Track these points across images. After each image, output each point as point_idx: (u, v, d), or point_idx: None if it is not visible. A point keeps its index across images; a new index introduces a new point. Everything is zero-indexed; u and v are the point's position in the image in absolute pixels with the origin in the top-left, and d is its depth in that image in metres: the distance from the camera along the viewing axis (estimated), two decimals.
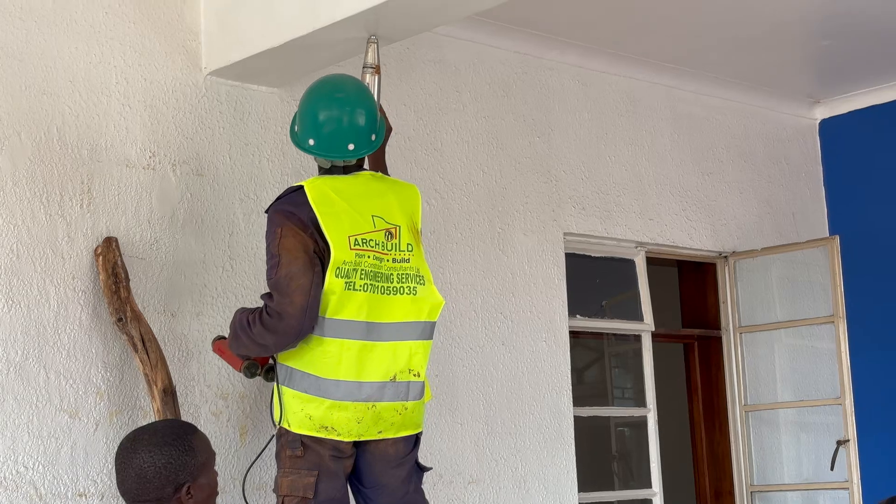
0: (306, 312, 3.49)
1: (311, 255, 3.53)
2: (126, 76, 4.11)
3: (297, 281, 3.49)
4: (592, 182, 5.49)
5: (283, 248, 3.53)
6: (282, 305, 3.50)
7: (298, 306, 3.48)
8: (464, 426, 4.83)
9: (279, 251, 3.53)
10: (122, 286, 3.89)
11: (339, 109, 3.66)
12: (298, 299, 3.48)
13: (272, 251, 3.55)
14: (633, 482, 7.28)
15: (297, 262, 3.51)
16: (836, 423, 5.75)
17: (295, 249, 3.52)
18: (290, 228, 3.54)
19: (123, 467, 3.35)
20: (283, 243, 3.53)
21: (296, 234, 3.53)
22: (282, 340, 3.55)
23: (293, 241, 3.53)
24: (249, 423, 4.18)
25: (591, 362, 7.39)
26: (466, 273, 4.95)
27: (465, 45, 5.11)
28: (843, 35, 5.53)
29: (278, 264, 3.52)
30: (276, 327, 3.52)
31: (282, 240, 3.53)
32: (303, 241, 3.53)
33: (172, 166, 4.17)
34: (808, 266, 6.04)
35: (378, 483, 3.69)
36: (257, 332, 3.57)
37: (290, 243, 3.53)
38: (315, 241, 3.54)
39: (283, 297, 3.50)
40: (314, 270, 3.51)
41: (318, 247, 3.54)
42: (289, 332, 3.51)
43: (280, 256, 3.52)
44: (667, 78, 5.84)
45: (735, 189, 6.12)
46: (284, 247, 3.53)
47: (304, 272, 3.50)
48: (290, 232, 3.54)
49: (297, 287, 3.49)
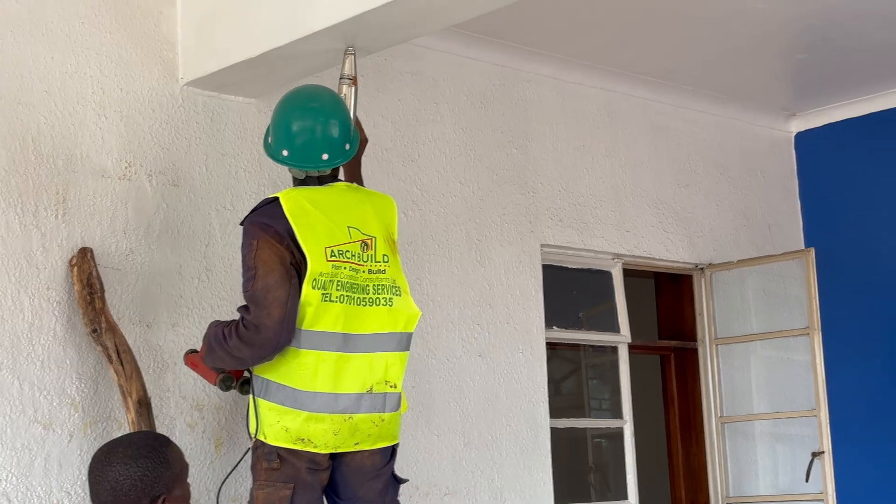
0: (284, 325, 3.48)
1: (288, 266, 3.52)
2: (102, 86, 4.10)
3: (274, 293, 3.48)
4: (570, 194, 5.50)
5: (259, 260, 3.51)
6: (259, 318, 3.48)
7: (276, 318, 3.47)
8: (440, 438, 4.83)
9: (255, 263, 3.52)
10: (96, 297, 3.87)
11: (312, 120, 3.66)
12: (276, 311, 3.47)
13: (248, 263, 3.54)
14: (610, 494, 7.28)
15: (274, 274, 3.49)
16: (812, 434, 5.77)
17: (271, 261, 3.51)
18: (267, 240, 3.53)
19: (98, 479, 3.33)
20: (260, 255, 3.52)
21: (272, 246, 3.52)
22: (259, 353, 3.53)
23: (269, 253, 3.52)
24: (225, 434, 4.17)
25: (568, 374, 7.40)
26: (443, 284, 4.95)
27: (442, 56, 5.12)
28: (819, 49, 5.57)
29: (255, 276, 3.51)
30: (253, 340, 3.50)
31: (258, 252, 3.52)
32: (279, 252, 3.52)
33: (148, 177, 4.15)
34: (783, 278, 6.06)
35: (355, 495, 3.68)
36: (234, 345, 3.55)
37: (266, 255, 3.52)
38: (291, 252, 3.53)
39: (261, 309, 3.48)
40: (291, 282, 3.50)
41: (295, 258, 3.53)
42: (266, 344, 3.50)
43: (256, 268, 3.51)
44: (644, 90, 5.86)
45: (712, 201, 6.14)
46: (261, 259, 3.51)
47: (281, 284, 3.49)
48: (267, 244, 3.52)
49: (275, 299, 3.47)
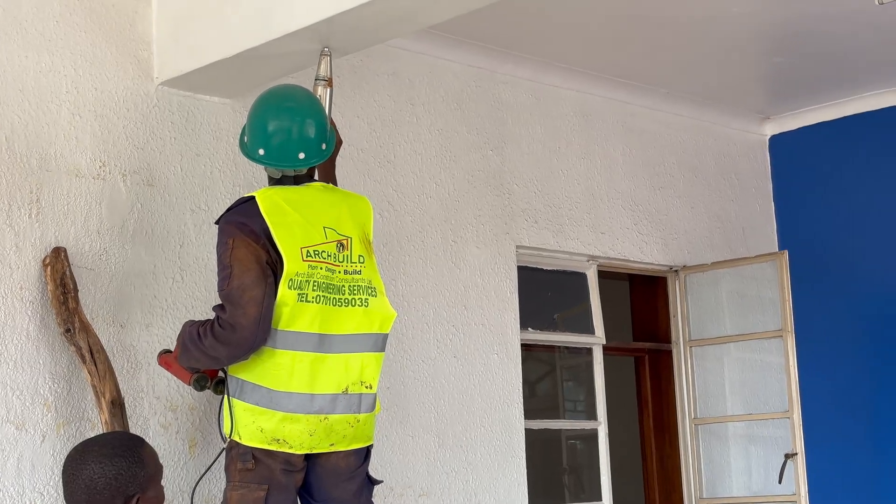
0: (259, 324, 3.47)
1: (264, 266, 3.51)
2: (77, 85, 4.08)
3: (249, 292, 3.47)
4: (545, 196, 5.51)
5: (235, 259, 3.51)
6: (235, 317, 3.48)
7: (252, 318, 3.47)
8: (415, 439, 4.83)
9: (231, 262, 3.51)
10: (70, 297, 3.86)
11: (288, 119, 3.65)
12: (252, 311, 3.47)
13: (224, 262, 3.53)
14: (584, 495, 7.29)
15: (250, 274, 3.49)
16: (785, 436, 5.80)
17: (247, 260, 3.50)
18: (243, 239, 3.52)
19: (72, 478, 3.32)
20: (236, 254, 3.51)
21: (248, 245, 3.51)
22: (234, 352, 3.52)
23: (245, 252, 3.51)
24: (199, 435, 4.15)
25: (542, 375, 7.41)
26: (419, 285, 4.95)
27: (418, 58, 5.12)
28: (793, 53, 5.60)
29: (230, 275, 3.50)
30: (228, 339, 3.50)
31: (234, 251, 3.51)
32: (255, 252, 3.51)
33: (123, 176, 4.14)
34: (757, 280, 6.09)
35: (329, 497, 3.68)
36: (209, 345, 3.54)
37: (242, 254, 3.51)
38: (267, 252, 3.53)
39: (236, 308, 3.48)
40: (267, 282, 3.50)
41: (271, 258, 3.53)
42: (242, 343, 3.49)
43: (232, 267, 3.50)
44: (619, 93, 5.88)
45: (686, 204, 6.17)
46: (236, 258, 3.51)
47: (257, 283, 3.48)
48: (243, 243, 3.52)
49: (250, 298, 3.47)
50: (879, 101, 6.19)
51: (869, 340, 6.15)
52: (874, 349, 6.13)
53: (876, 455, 6.07)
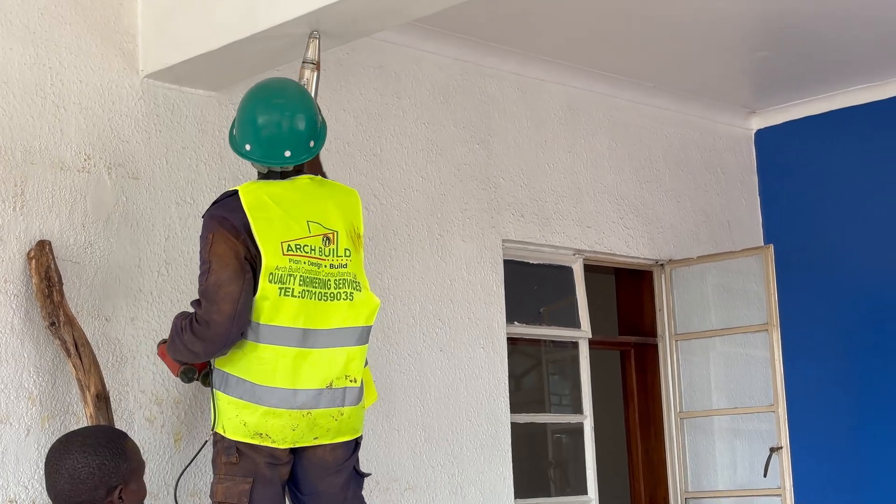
0: (234, 321, 3.47)
1: (242, 261, 3.50)
2: (61, 78, 4.06)
3: (225, 288, 3.46)
4: (531, 189, 5.52)
5: (213, 254, 3.50)
6: (209, 313, 3.48)
7: (226, 314, 3.46)
8: (400, 432, 4.83)
9: (210, 257, 3.50)
10: (55, 290, 3.84)
11: (278, 114, 3.62)
12: (226, 307, 3.46)
13: (203, 257, 3.53)
14: (570, 488, 7.31)
15: (228, 269, 3.48)
16: (770, 430, 5.82)
17: (226, 256, 3.49)
18: (222, 234, 3.51)
19: (56, 468, 3.32)
20: (215, 249, 3.50)
21: (227, 240, 3.50)
22: (210, 348, 3.53)
23: (224, 248, 3.50)
24: (184, 428, 4.15)
25: (528, 369, 7.42)
26: (405, 279, 4.94)
27: (404, 51, 5.11)
28: (779, 47, 5.61)
29: (209, 270, 3.50)
30: (203, 335, 3.50)
31: (213, 245, 3.51)
32: (234, 247, 3.50)
33: (108, 169, 4.12)
34: (743, 274, 6.10)
35: (315, 490, 3.67)
36: (188, 339, 3.55)
37: (221, 249, 3.50)
38: (247, 247, 3.51)
39: (211, 304, 3.47)
40: (245, 278, 3.48)
41: (251, 253, 3.51)
42: (216, 340, 3.49)
43: (211, 262, 3.50)
44: (605, 87, 5.88)
45: (672, 198, 6.17)
46: (215, 253, 3.50)
47: (234, 279, 3.47)
48: (222, 238, 3.51)
49: (226, 295, 3.46)
50: (865, 95, 6.21)
51: (854, 334, 6.17)
52: (859, 343, 6.15)
53: (861, 448, 6.09)
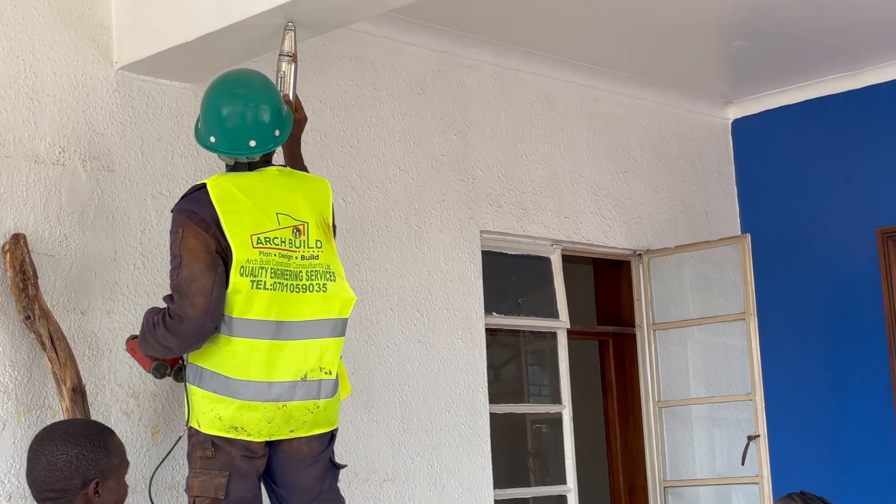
0: (207, 315, 3.46)
1: (214, 255, 3.49)
2: (35, 70, 4.04)
3: (198, 282, 3.45)
4: (509, 180, 5.52)
5: (184, 249, 3.49)
6: (182, 308, 3.46)
7: (199, 309, 3.45)
8: (379, 424, 4.83)
9: (181, 252, 3.49)
10: (30, 283, 3.82)
11: (241, 105, 3.60)
12: (199, 301, 3.45)
13: (174, 251, 3.51)
14: (549, 478, 7.33)
15: (199, 263, 3.47)
16: (747, 418, 5.84)
17: (196, 250, 3.48)
18: (192, 228, 3.50)
19: (35, 455, 3.31)
20: (185, 244, 3.49)
21: (197, 234, 3.49)
22: (183, 343, 3.51)
23: (195, 242, 3.49)
24: (161, 422, 4.13)
25: (507, 360, 7.42)
26: (382, 270, 4.94)
27: (381, 42, 5.10)
28: (756, 37, 5.62)
29: (180, 265, 3.48)
30: (177, 330, 3.48)
31: (183, 240, 3.49)
32: (205, 241, 3.49)
33: (83, 162, 4.10)
34: (720, 264, 6.12)
35: (291, 482, 3.66)
36: (161, 335, 3.53)
37: (191, 244, 3.49)
38: (218, 240, 3.50)
39: (184, 299, 3.46)
40: (216, 271, 3.47)
41: (221, 246, 3.50)
42: (189, 334, 3.48)
43: (182, 257, 3.48)
44: (582, 77, 5.88)
45: (649, 188, 6.18)
46: (186, 247, 3.49)
47: (206, 273, 3.46)
48: (192, 232, 3.49)
49: (198, 289, 3.45)
50: (841, 84, 6.23)
51: (830, 323, 6.19)
52: (836, 331, 6.17)
53: (838, 436, 6.13)
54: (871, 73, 6.12)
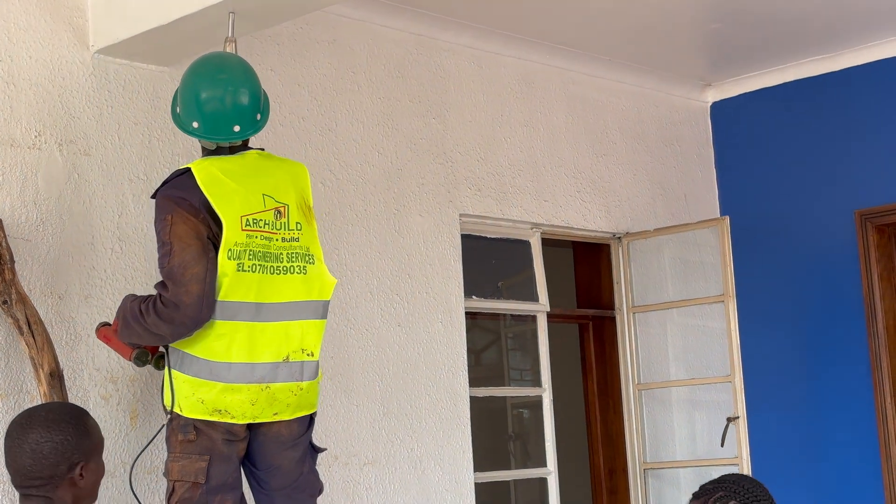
0: (204, 300, 3.44)
1: (205, 241, 3.47)
2: (10, 53, 4.01)
3: (191, 269, 3.43)
4: (488, 163, 5.51)
5: (174, 236, 3.46)
6: (178, 295, 3.44)
7: (195, 295, 3.43)
8: (359, 407, 4.82)
9: (171, 238, 3.46)
10: (6, 268, 3.80)
11: (222, 90, 3.59)
12: (194, 288, 3.43)
13: (163, 238, 3.48)
14: (530, 461, 7.35)
15: (191, 250, 3.45)
16: (727, 400, 5.86)
17: (187, 236, 3.46)
18: (181, 214, 3.48)
19: (17, 443, 3.27)
20: (175, 230, 3.46)
21: (186, 220, 3.47)
22: (179, 330, 3.49)
23: (185, 228, 3.47)
24: (140, 406, 4.12)
25: (488, 344, 7.43)
26: (362, 254, 4.93)
27: (359, 25, 5.09)
28: (733, 19, 5.62)
29: (171, 252, 3.46)
30: (172, 317, 3.46)
31: (173, 227, 3.47)
32: (195, 226, 3.47)
33: (59, 146, 4.08)
34: (699, 246, 6.13)
35: (272, 465, 3.67)
36: (152, 322, 3.50)
37: (181, 230, 3.46)
38: (208, 225, 3.49)
39: (179, 286, 3.43)
40: (208, 257, 3.46)
41: (211, 231, 3.49)
42: (186, 321, 3.46)
43: (172, 244, 3.46)
44: (561, 60, 5.88)
45: (628, 171, 6.19)
46: (176, 234, 3.46)
47: (198, 260, 3.44)
48: (181, 218, 3.47)
49: (193, 276, 3.43)
50: (819, 66, 6.24)
51: (809, 305, 6.22)
52: (815, 313, 6.20)
53: (816, 418, 6.16)
54: (849, 55, 6.14)
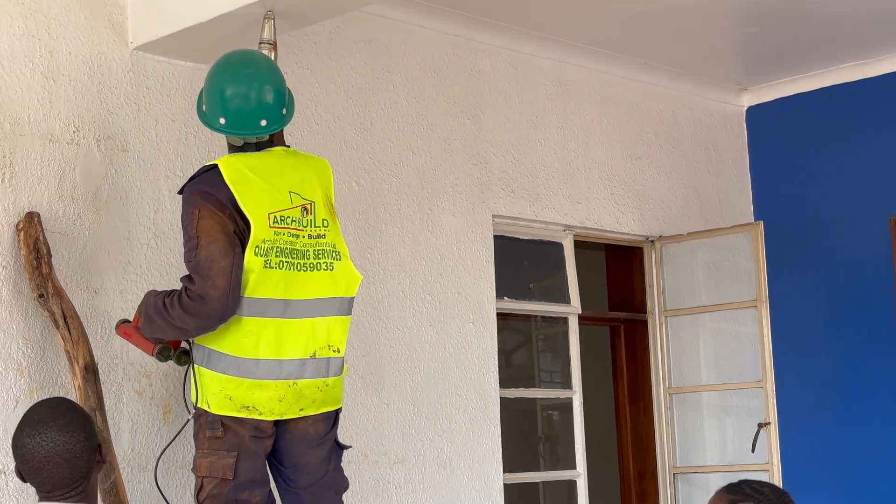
0: (230, 295, 3.46)
1: (231, 236, 3.49)
2: (50, 49, 4.05)
3: (218, 263, 3.45)
4: (522, 165, 5.51)
5: (201, 230, 3.48)
6: (204, 289, 3.46)
7: (221, 289, 3.45)
8: (390, 406, 4.84)
9: (198, 233, 3.48)
10: (43, 262, 3.84)
11: (247, 86, 3.60)
12: (221, 282, 3.45)
13: (190, 233, 3.51)
14: (559, 464, 7.34)
15: (217, 244, 3.47)
16: (758, 405, 5.84)
17: (214, 231, 3.48)
18: (208, 209, 3.50)
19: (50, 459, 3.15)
20: (202, 225, 3.49)
21: (214, 215, 3.49)
22: (204, 324, 3.51)
23: (212, 223, 3.49)
24: (173, 401, 4.15)
25: (518, 345, 7.43)
26: (395, 254, 4.95)
27: (396, 25, 5.10)
28: (771, 23, 5.60)
29: (197, 246, 3.48)
30: (198, 311, 3.48)
31: (200, 221, 3.49)
32: (221, 221, 3.49)
33: (97, 141, 4.12)
34: (732, 251, 6.12)
35: (298, 463, 3.68)
36: (176, 316, 3.52)
37: (208, 225, 3.49)
38: (234, 221, 3.51)
39: (205, 280, 3.46)
40: (234, 251, 3.48)
41: (238, 227, 3.51)
42: (212, 315, 3.48)
43: (199, 238, 3.48)
44: (597, 62, 5.87)
45: (662, 174, 6.17)
46: (203, 228, 3.48)
47: (225, 254, 3.46)
48: (209, 213, 3.49)
49: (219, 269, 3.45)
50: (855, 72, 6.20)
51: (842, 311, 6.18)
52: (848, 320, 6.16)
53: (848, 425, 6.12)
54: (887, 61, 6.10)
